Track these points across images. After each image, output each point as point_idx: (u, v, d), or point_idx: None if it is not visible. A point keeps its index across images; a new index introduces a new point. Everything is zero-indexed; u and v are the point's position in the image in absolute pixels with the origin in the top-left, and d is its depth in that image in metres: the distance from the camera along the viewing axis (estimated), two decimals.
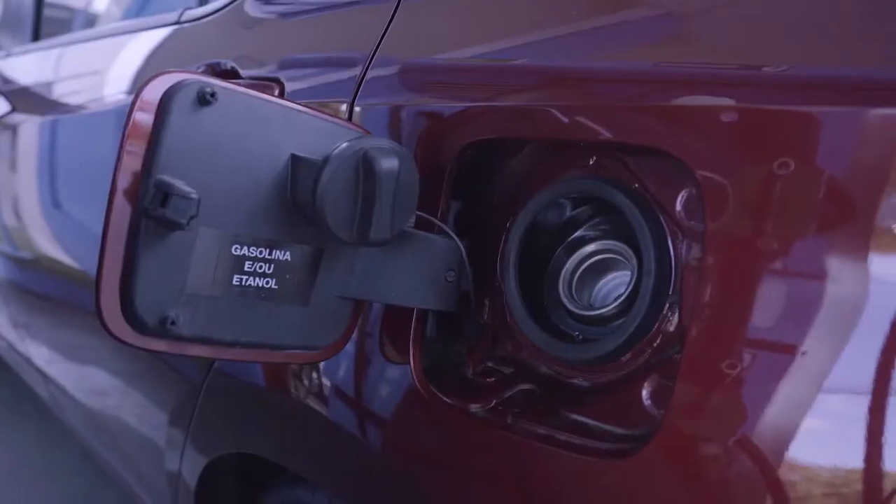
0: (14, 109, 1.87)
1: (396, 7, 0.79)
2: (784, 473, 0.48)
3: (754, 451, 0.49)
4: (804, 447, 0.47)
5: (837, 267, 0.48)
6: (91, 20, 2.14)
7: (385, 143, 0.61)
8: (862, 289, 0.47)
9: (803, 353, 0.48)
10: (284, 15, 1.01)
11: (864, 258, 0.47)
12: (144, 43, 1.30)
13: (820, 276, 0.49)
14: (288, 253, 0.62)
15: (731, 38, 0.57)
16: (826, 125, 0.50)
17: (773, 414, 0.48)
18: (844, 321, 0.47)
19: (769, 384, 0.49)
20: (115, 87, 1.38)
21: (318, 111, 0.64)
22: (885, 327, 0.46)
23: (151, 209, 0.54)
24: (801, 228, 0.49)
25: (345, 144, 0.60)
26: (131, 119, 0.55)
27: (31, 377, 1.92)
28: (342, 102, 0.78)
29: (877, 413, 0.46)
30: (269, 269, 0.61)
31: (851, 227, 0.48)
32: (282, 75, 0.88)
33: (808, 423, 0.47)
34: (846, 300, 0.47)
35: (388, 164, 0.59)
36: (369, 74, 0.78)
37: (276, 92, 0.86)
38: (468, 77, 0.72)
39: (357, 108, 0.77)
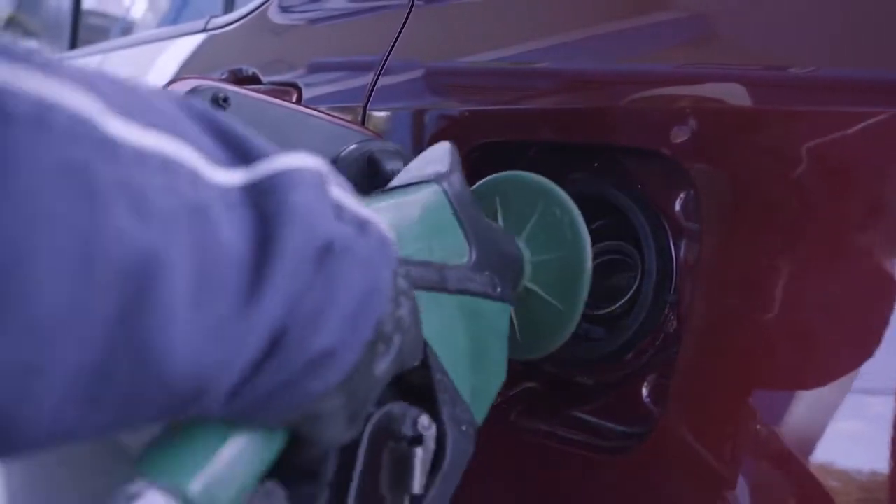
0: None
1: (408, 13, 0.80)
2: (773, 469, 0.48)
3: (747, 449, 0.49)
4: (800, 446, 0.48)
5: (831, 268, 0.48)
6: (128, 28, 2.20)
7: (391, 145, 0.63)
8: (861, 290, 0.47)
9: (798, 354, 0.49)
10: (306, 21, 1.03)
11: (864, 259, 0.47)
12: (176, 50, 1.34)
13: (813, 276, 0.49)
14: None
15: (731, 39, 0.58)
16: (824, 126, 0.50)
17: (765, 413, 0.49)
18: (843, 323, 0.48)
19: (763, 383, 0.50)
20: None
21: (329, 115, 0.66)
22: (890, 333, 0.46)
23: None
24: (796, 229, 0.50)
25: (352, 146, 0.62)
26: None
27: None
28: (356, 106, 0.80)
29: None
30: None
31: (850, 228, 0.48)
32: (301, 81, 0.91)
33: (800, 423, 0.48)
34: (841, 301, 0.48)
35: (393, 165, 0.61)
36: (381, 80, 0.79)
37: (294, 97, 0.88)
38: (476, 81, 0.73)
39: (370, 112, 0.79)
